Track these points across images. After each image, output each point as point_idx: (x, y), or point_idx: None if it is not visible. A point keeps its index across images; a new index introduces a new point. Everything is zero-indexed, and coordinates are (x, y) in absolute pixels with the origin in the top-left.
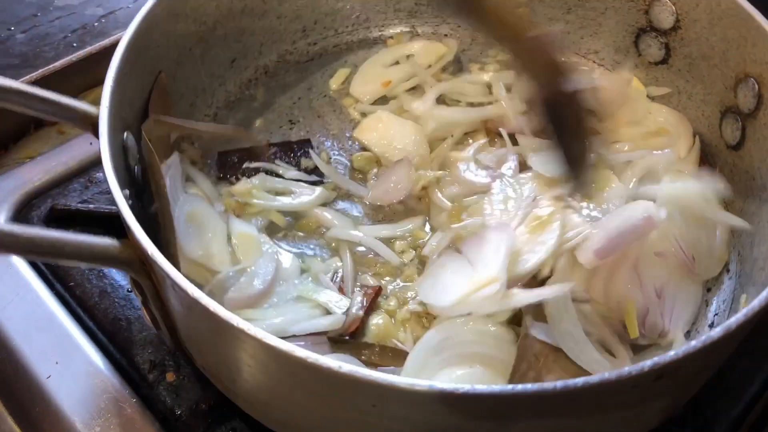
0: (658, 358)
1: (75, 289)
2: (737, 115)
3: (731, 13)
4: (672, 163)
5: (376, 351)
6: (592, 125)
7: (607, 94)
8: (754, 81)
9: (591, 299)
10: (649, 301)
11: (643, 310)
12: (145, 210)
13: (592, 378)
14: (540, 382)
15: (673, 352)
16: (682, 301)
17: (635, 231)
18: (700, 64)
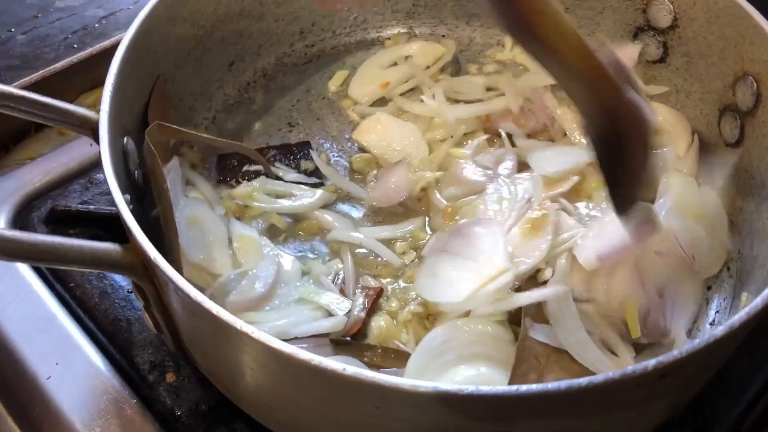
0: (663, 357)
1: (75, 290)
2: (736, 114)
3: (729, 11)
4: (671, 161)
5: (379, 352)
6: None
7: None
8: (752, 79)
9: (592, 299)
10: (650, 301)
11: (644, 309)
12: (146, 214)
13: (597, 378)
14: (542, 383)
15: (677, 351)
16: (683, 300)
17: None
18: (698, 63)
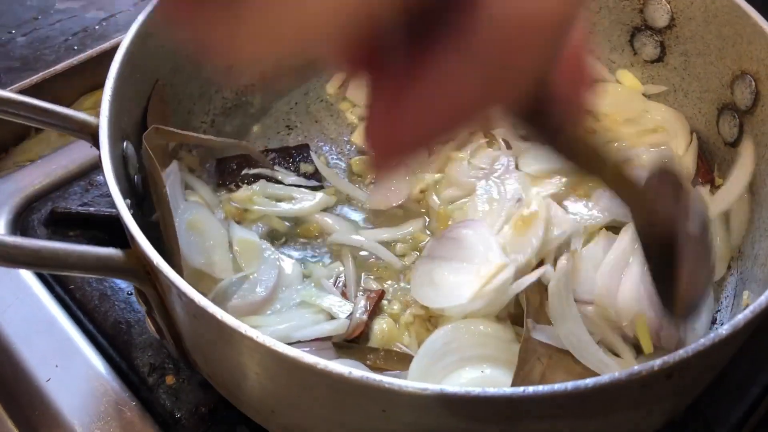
0: (668, 357)
1: (75, 292)
2: (734, 112)
3: (726, 10)
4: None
5: (381, 355)
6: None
7: None
8: (750, 78)
9: (594, 300)
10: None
11: (656, 324)
12: (146, 219)
13: (603, 378)
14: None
15: (683, 351)
16: None
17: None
18: (696, 62)
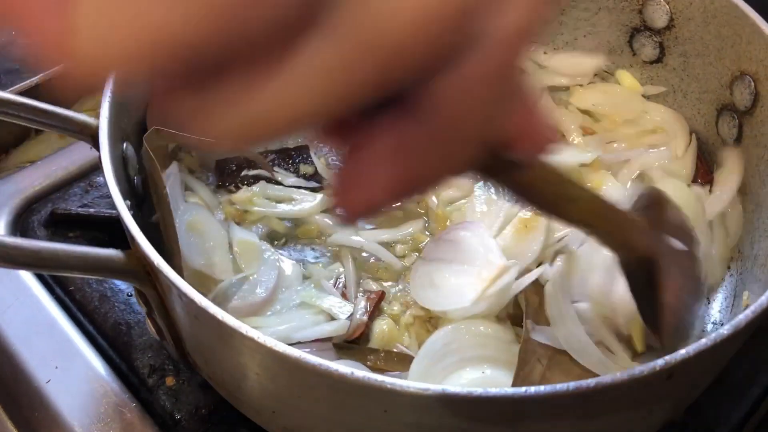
0: (669, 357)
1: (75, 293)
2: (733, 113)
3: (725, 11)
4: (669, 161)
5: (382, 356)
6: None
7: None
8: (749, 78)
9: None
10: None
11: None
12: (146, 220)
13: (605, 378)
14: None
15: (684, 351)
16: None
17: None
18: (695, 63)
